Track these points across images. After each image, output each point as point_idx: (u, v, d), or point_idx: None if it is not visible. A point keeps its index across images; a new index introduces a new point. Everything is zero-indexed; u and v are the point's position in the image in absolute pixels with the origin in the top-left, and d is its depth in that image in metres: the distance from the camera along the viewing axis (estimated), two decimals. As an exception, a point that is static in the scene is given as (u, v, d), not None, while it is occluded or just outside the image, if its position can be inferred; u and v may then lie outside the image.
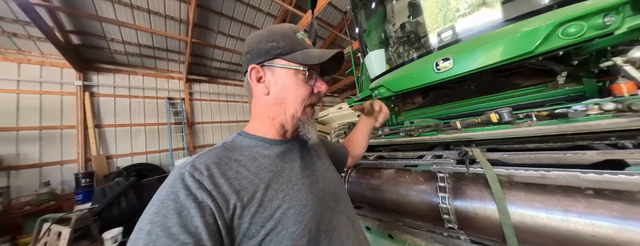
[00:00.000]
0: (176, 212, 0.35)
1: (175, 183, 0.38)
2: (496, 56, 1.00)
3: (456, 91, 1.46)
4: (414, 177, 0.98)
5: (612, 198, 0.56)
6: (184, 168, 0.41)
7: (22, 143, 4.38)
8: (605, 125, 0.73)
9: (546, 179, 0.69)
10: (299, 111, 0.52)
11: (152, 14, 4.92)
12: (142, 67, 6.11)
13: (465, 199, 0.80)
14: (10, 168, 4.21)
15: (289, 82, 0.50)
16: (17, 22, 4.08)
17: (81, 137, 4.90)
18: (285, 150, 0.54)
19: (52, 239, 3.28)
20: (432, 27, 1.43)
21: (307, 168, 0.55)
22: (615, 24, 0.79)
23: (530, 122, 0.94)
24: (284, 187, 0.47)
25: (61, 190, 4.59)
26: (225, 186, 0.41)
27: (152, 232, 0.33)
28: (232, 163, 0.45)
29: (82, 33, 4.74)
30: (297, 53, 0.50)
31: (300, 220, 0.44)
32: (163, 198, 0.37)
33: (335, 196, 0.56)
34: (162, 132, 6.19)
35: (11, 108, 4.36)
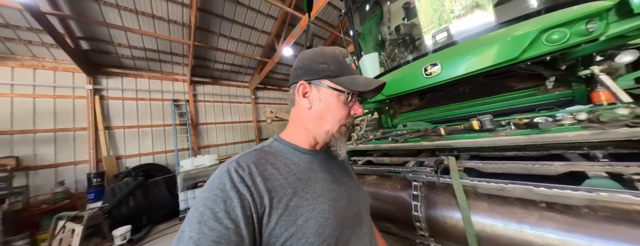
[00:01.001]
0: (223, 200, 0.41)
1: (223, 176, 0.44)
2: (483, 62, 1.01)
3: (452, 93, 1.47)
4: (392, 184, 1.02)
5: (560, 212, 0.59)
6: (231, 164, 0.47)
7: (38, 144, 4.65)
8: (570, 138, 0.74)
9: (505, 191, 0.72)
10: (334, 129, 0.55)
11: (156, 18, 5.07)
12: (148, 70, 6.32)
13: (435, 208, 0.84)
14: (29, 168, 4.49)
15: (331, 102, 0.54)
16: (31, 30, 4.31)
17: (92, 138, 5.15)
18: (314, 160, 0.57)
19: (66, 236, 3.50)
20: (423, 31, 1.43)
21: (333, 182, 0.56)
22: (598, 30, 0.78)
23: (509, 130, 0.94)
24: (309, 196, 0.49)
25: (75, 189, 4.85)
26: (261, 184, 0.45)
27: (204, 213, 0.39)
28: (268, 165, 0.50)
29: (91, 39, 4.95)
30: (344, 77, 0.54)
31: (320, 233, 0.45)
32: (213, 186, 0.43)
33: (358, 217, 0.57)
34: (168, 133, 6.41)
35: (28, 112, 4.63)
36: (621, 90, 0.81)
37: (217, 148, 7.46)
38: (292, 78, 0.57)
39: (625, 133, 0.66)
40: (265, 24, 6.49)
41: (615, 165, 0.63)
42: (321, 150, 0.60)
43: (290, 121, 0.61)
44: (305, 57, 0.57)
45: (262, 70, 7.66)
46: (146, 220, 4.31)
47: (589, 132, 0.72)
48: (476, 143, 0.97)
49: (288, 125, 0.61)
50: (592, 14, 0.79)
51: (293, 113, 0.59)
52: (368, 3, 2.07)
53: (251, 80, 8.64)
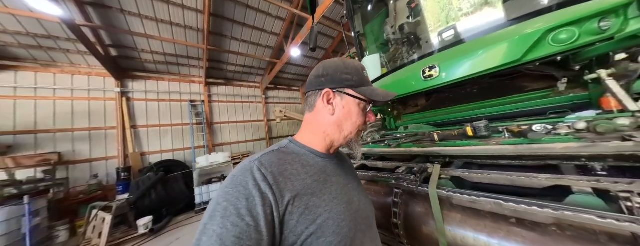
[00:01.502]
0: (245, 197, 0.42)
1: (246, 173, 0.45)
2: (483, 64, 0.95)
3: (459, 94, 1.40)
4: (378, 189, 1.03)
5: (529, 229, 0.59)
6: (253, 163, 0.48)
7: (76, 142, 5.25)
8: (557, 150, 0.71)
9: (476, 204, 0.71)
10: (353, 133, 0.59)
11: (174, 25, 5.45)
12: (167, 73, 6.81)
13: (413, 216, 0.85)
14: (68, 162, 5.09)
15: (353, 109, 0.58)
16: (69, 40, 4.86)
17: (120, 136, 5.69)
18: (328, 163, 0.59)
19: (98, 223, 3.94)
20: (422, 34, 1.40)
21: (345, 187, 0.58)
22: (614, 28, 0.71)
23: (501, 138, 0.90)
24: (326, 198, 0.50)
25: (106, 182, 5.41)
26: (283, 184, 0.46)
27: (227, 209, 0.40)
28: (288, 166, 0.51)
29: (118, 46, 5.46)
30: (365, 88, 0.59)
31: (338, 232, 0.47)
32: (237, 183, 0.44)
33: (368, 221, 0.59)
34: (185, 132, 6.86)
35: (67, 113, 5.23)
36: (629, 97, 0.73)
37: (230, 146, 7.83)
38: (314, 85, 0.60)
39: (614, 147, 0.62)
40: (274, 26, 6.67)
41: (602, 181, 0.59)
42: (333, 155, 0.62)
43: (306, 125, 0.62)
44: (328, 66, 0.60)
45: (272, 71, 7.88)
46: (166, 212, 4.69)
47: (577, 144, 0.68)
48: (464, 151, 0.95)
49: (303, 129, 0.63)
50: (607, 11, 0.70)
51: (310, 118, 0.61)
52: (370, 3, 2.06)
53: (262, 80, 8.92)
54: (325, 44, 8.09)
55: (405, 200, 0.89)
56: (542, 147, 0.74)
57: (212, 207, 0.42)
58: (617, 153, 0.63)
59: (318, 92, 0.58)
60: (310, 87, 0.61)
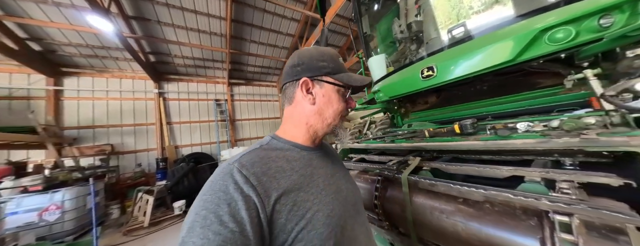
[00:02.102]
0: (226, 202, 0.39)
1: (226, 177, 0.43)
2: (476, 65, 0.97)
3: (468, 92, 1.38)
4: (367, 177, 1.18)
5: (469, 205, 0.73)
6: (233, 165, 0.45)
7: (124, 135, 6.18)
8: (518, 145, 0.78)
9: (435, 187, 0.85)
10: (336, 120, 0.59)
11: (201, 32, 6.08)
12: (196, 75, 7.58)
13: (390, 198, 1.00)
14: (119, 153, 6.02)
15: (332, 96, 0.57)
16: (118, 50, 5.73)
17: (158, 131, 6.54)
18: (313, 156, 0.58)
19: (142, 204, 4.66)
20: (420, 36, 1.44)
21: (332, 177, 0.58)
22: (618, 24, 0.68)
23: (483, 135, 0.95)
24: (314, 191, 0.50)
25: (148, 170, 6.28)
26: (267, 183, 0.44)
27: (207, 218, 0.37)
28: (271, 163, 0.49)
29: (155, 53, 6.27)
30: (342, 74, 0.58)
31: (328, 223, 0.47)
32: (215, 189, 0.41)
33: (356, 207, 0.60)
34: (211, 128, 7.60)
35: (117, 111, 6.18)
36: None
37: (250, 141, 8.44)
38: (291, 75, 0.58)
39: (563, 143, 0.67)
40: (289, 27, 7.02)
41: (550, 172, 0.67)
42: (317, 147, 0.62)
43: (287, 118, 0.61)
44: (302, 55, 0.58)
45: (288, 71, 8.27)
46: (196, 197, 5.35)
47: (534, 140, 0.74)
48: (443, 146, 1.04)
49: (284, 122, 0.62)
50: (608, 8, 0.69)
51: (290, 111, 0.60)
52: (377, 4, 2.11)
53: (278, 79, 9.40)
54: (340, 42, 8.25)
55: (385, 185, 1.04)
56: (506, 143, 0.81)
57: (190, 218, 0.39)
58: (566, 148, 0.68)
59: (296, 83, 0.57)
60: (286, 78, 0.60)
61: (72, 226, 3.96)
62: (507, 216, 0.63)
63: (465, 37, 1.12)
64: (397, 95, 1.46)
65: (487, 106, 1.27)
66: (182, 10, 5.36)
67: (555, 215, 0.54)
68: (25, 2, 4.24)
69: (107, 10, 4.10)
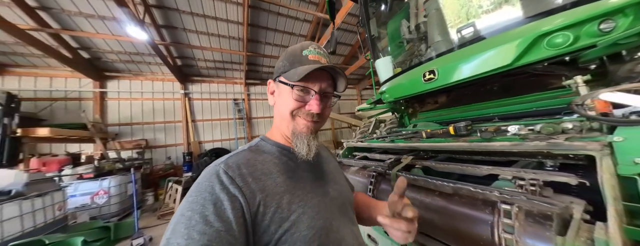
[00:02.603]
0: (212, 203, 0.40)
1: (212, 178, 0.43)
2: (476, 69, 1.01)
3: (478, 92, 1.36)
4: (363, 173, 1.28)
5: (443, 197, 0.84)
6: (219, 166, 0.46)
7: (156, 132, 6.91)
8: (496, 147, 0.85)
9: (417, 182, 0.96)
10: (291, 123, 0.55)
11: (221, 37, 6.58)
12: (216, 76, 8.18)
13: (382, 191, 1.11)
14: (152, 147, 6.76)
15: (284, 96, 0.54)
16: (150, 55, 6.41)
17: (184, 128, 7.20)
18: (301, 158, 0.56)
19: (172, 192, 5.24)
20: (424, 39, 1.48)
21: (320, 179, 0.58)
22: (620, 28, 0.68)
23: (472, 137, 1.00)
24: (299, 193, 0.50)
25: (176, 163, 6.97)
26: (253, 184, 0.45)
27: (192, 218, 0.38)
28: (258, 165, 0.49)
29: (182, 57, 6.91)
30: (290, 71, 0.53)
31: (312, 226, 0.47)
32: (201, 190, 0.42)
33: (343, 208, 0.59)
34: (230, 125, 8.18)
35: (150, 110, 6.92)
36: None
37: (266, 139, 8.91)
38: None
39: (533, 146, 0.73)
40: (302, 28, 7.29)
41: (520, 172, 0.74)
42: None
43: (274, 121, 0.63)
44: (280, 58, 0.59)
45: (301, 70, 8.56)
46: (217, 188, 5.87)
47: (510, 143, 0.80)
48: (433, 146, 1.12)
49: (273, 125, 0.63)
50: (609, 12, 0.69)
51: None
52: (385, 5, 2.07)
53: (292, 79, 9.73)
54: (352, 40, 8.35)
55: (378, 180, 1.15)
56: (487, 145, 0.87)
57: (175, 219, 0.39)
58: (535, 150, 0.75)
59: None
60: None
61: (117, 209, 4.61)
62: (470, 206, 0.73)
63: (465, 42, 1.16)
64: (402, 96, 1.52)
65: (495, 107, 1.27)
66: (204, 18, 5.86)
67: (501, 204, 0.65)
68: (77, 17, 4.96)
69: (142, 21, 4.67)
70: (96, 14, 4.97)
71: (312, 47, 0.56)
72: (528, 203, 0.61)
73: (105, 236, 3.43)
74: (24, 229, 2.73)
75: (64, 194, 3.64)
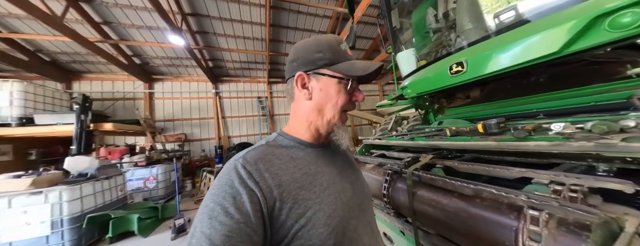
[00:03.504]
0: (232, 196, 0.42)
1: (231, 172, 0.45)
2: (512, 59, 0.88)
3: (518, 85, 1.20)
4: (379, 171, 1.27)
5: (462, 199, 0.78)
6: (237, 161, 0.47)
7: (193, 127, 7.80)
8: (530, 147, 0.75)
9: (434, 182, 0.91)
10: (336, 117, 0.55)
11: (246, 39, 7.01)
12: (242, 76, 8.78)
13: (396, 189, 1.09)
14: (190, 141, 7.66)
15: (331, 90, 0.54)
16: (187, 59, 7.18)
17: (216, 124, 7.96)
18: (319, 154, 0.57)
19: (206, 181, 5.91)
20: (457, 28, 1.34)
21: (338, 175, 0.57)
22: None
23: (503, 135, 0.90)
24: (316, 189, 0.49)
25: (209, 155, 7.79)
26: (270, 179, 0.46)
27: (214, 210, 0.40)
28: (275, 160, 0.50)
29: (213, 59, 7.58)
30: (341, 64, 0.53)
31: (329, 223, 0.47)
32: (222, 183, 0.44)
33: (362, 206, 0.58)
34: (255, 122, 8.77)
35: (187, 108, 7.82)
36: None
37: (288, 135, 9.33)
38: (290, 72, 0.57)
39: (578, 147, 0.63)
40: (322, 25, 7.31)
41: (559, 175, 0.63)
42: (324, 144, 0.61)
43: (292, 115, 0.61)
44: (299, 48, 0.56)
45: (321, 67, 8.65)
46: (243, 179, 6.43)
47: (548, 143, 0.70)
48: (454, 145, 1.05)
49: (290, 119, 0.61)
50: None
51: (294, 108, 0.59)
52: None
53: (313, 76, 9.89)
54: (373, 34, 8.09)
55: (395, 178, 1.13)
56: (519, 145, 0.77)
57: (200, 210, 0.42)
58: (580, 152, 0.64)
59: (292, 79, 0.56)
60: (287, 74, 0.59)
61: (163, 193, 5.40)
62: (493, 209, 0.67)
63: (502, 28, 0.99)
64: (425, 91, 1.43)
65: (541, 102, 1.09)
66: (231, 21, 6.31)
67: (528, 210, 0.58)
68: (130, 28, 5.82)
69: (180, 28, 5.26)
70: (144, 24, 5.76)
71: (345, 42, 0.58)
72: (561, 210, 0.53)
73: (154, 215, 4.08)
74: (97, 204, 3.43)
75: (124, 178, 4.41)
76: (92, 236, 3.28)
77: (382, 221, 1.24)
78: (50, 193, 2.87)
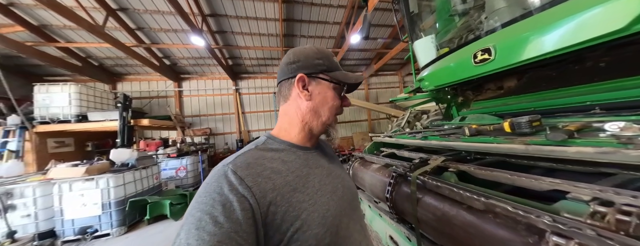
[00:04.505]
0: (221, 204, 0.40)
1: (220, 179, 0.43)
2: (557, 41, 0.74)
3: (568, 72, 1.02)
4: (384, 172, 1.19)
5: (471, 212, 0.69)
6: (227, 167, 0.46)
7: (216, 122, 8.40)
8: (570, 153, 0.61)
9: (440, 189, 0.81)
10: (331, 118, 0.59)
11: (261, 35, 7.16)
12: (259, 72, 9.07)
13: (400, 194, 1.02)
14: (214, 134, 8.28)
15: (328, 94, 0.58)
16: (209, 58, 7.63)
17: (237, 119, 8.44)
18: (309, 156, 0.58)
19: (229, 172, 6.38)
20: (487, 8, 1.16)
21: (328, 176, 0.58)
22: None
23: (533, 137, 0.77)
24: (309, 191, 0.50)
25: (231, 147, 8.35)
26: (263, 184, 0.45)
27: (202, 219, 0.38)
28: (267, 164, 0.50)
29: (232, 58, 7.94)
30: (337, 72, 0.59)
31: (323, 223, 0.47)
32: (210, 191, 0.42)
33: (352, 204, 0.60)
34: (272, 116, 9.09)
35: (211, 104, 8.40)
36: None
37: (304, 129, 9.54)
38: (287, 73, 0.58)
39: (636, 156, 0.49)
40: (336, 15, 7.08)
41: (607, 191, 0.49)
42: (313, 147, 0.62)
43: (282, 117, 0.61)
44: (298, 53, 0.59)
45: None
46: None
47: (594, 149, 0.57)
48: (474, 147, 0.93)
49: (280, 121, 0.61)
50: None
51: (286, 109, 0.60)
52: None
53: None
54: (393, 21, 7.60)
55: (399, 181, 1.05)
56: (552, 149, 0.65)
57: (186, 220, 0.40)
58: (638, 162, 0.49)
59: (291, 80, 0.58)
60: (282, 75, 0.60)
61: (191, 182, 5.98)
62: (508, 229, 0.56)
63: (545, 3, 0.82)
64: (443, 84, 1.30)
65: (598, 92, 0.89)
66: (247, 19, 6.47)
67: (552, 236, 0.46)
68: (160, 32, 6.34)
69: (201, 29, 5.58)
70: (171, 28, 6.23)
71: (335, 56, 0.65)
72: (597, 241, 0.39)
73: (184, 202, 4.56)
74: (136, 191, 3.96)
75: (159, 168, 4.98)
76: (134, 217, 3.82)
77: (387, 223, 1.20)
78: (100, 180, 3.40)
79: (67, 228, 3.26)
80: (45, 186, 3.23)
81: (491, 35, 1.00)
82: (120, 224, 3.50)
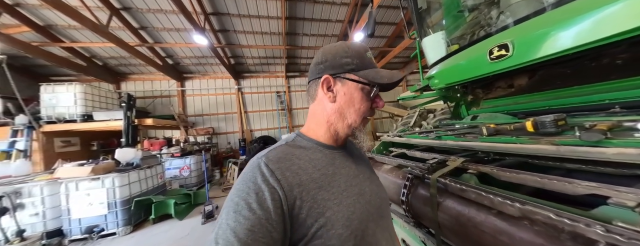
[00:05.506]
0: (255, 192, 0.43)
1: (255, 170, 0.47)
2: (581, 36, 0.70)
3: (584, 68, 0.96)
4: (399, 173, 1.13)
5: (502, 218, 0.62)
6: (261, 159, 0.49)
7: (219, 121, 8.40)
8: (608, 155, 0.57)
9: (465, 193, 0.75)
10: (357, 121, 0.56)
11: (263, 34, 7.12)
12: (262, 71, 9.04)
13: (417, 196, 0.96)
14: (217, 133, 8.30)
15: (355, 95, 0.55)
16: (211, 57, 7.62)
17: (239, 118, 8.44)
18: (336, 155, 0.57)
19: (232, 171, 6.40)
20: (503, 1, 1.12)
21: (355, 178, 0.57)
22: None
23: (562, 137, 0.72)
24: (335, 191, 0.50)
25: (234, 147, 8.37)
26: (290, 178, 0.47)
27: (239, 204, 0.42)
28: (295, 160, 0.51)
29: (234, 56, 7.92)
30: (368, 71, 0.55)
31: (348, 225, 0.47)
32: (246, 179, 0.46)
33: (380, 211, 0.58)
34: (274, 116, 9.06)
35: (214, 103, 8.41)
36: None
37: (307, 128, 9.51)
38: (314, 73, 0.58)
39: None
40: (339, 13, 7.01)
41: None
42: (341, 146, 0.62)
43: (311, 116, 0.62)
44: (327, 51, 0.58)
45: (339, 59, 8.44)
46: (265, 170, 6.85)
47: (637, 150, 0.52)
48: (497, 148, 0.87)
49: (309, 120, 0.62)
50: None
51: (313, 108, 0.60)
52: None
53: (331, 69, 9.72)
54: (396, 19, 7.51)
55: (415, 183, 0.99)
56: (587, 151, 0.60)
57: (227, 203, 0.44)
58: None
59: (318, 80, 0.57)
60: (311, 75, 0.60)
61: (195, 181, 6.02)
62: (549, 238, 0.50)
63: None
64: (456, 81, 1.26)
65: (617, 90, 0.84)
66: (249, 18, 6.44)
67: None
68: (162, 32, 6.35)
69: (203, 28, 5.56)
70: (174, 27, 6.22)
71: (369, 51, 0.59)
72: None
73: (188, 201, 4.60)
74: (141, 190, 3.98)
75: (163, 167, 5.01)
76: (140, 216, 3.86)
77: (400, 226, 1.15)
78: (105, 179, 3.42)
79: (74, 227, 3.30)
80: (52, 185, 3.27)
81: (508, 30, 0.96)
82: (126, 223, 3.53)
